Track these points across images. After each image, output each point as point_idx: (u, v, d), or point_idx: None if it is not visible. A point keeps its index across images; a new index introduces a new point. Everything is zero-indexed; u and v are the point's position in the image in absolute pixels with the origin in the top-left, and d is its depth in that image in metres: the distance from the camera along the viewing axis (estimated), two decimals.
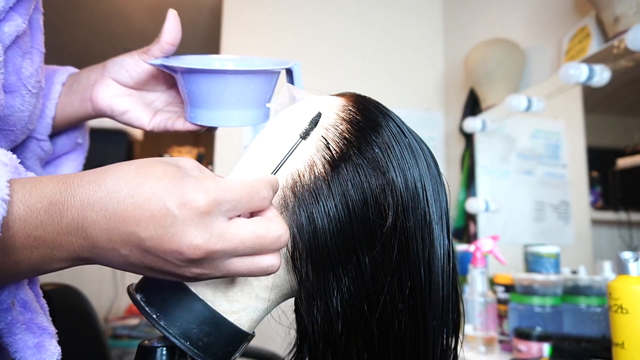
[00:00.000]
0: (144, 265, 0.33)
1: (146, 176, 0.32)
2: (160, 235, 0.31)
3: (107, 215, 0.31)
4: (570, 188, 1.48)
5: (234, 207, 0.33)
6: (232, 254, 0.33)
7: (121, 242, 0.32)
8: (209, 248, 0.31)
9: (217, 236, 0.32)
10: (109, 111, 0.56)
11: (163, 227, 0.31)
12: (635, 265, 0.69)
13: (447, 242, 0.44)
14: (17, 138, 0.51)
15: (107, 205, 0.31)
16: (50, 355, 0.38)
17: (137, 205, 0.31)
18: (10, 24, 0.44)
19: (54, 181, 0.33)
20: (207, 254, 0.32)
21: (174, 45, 0.53)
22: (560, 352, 0.91)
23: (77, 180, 0.32)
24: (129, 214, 0.31)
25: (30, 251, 0.32)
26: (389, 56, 2.05)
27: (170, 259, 0.32)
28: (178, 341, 0.39)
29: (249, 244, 0.33)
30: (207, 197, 0.31)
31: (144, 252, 0.32)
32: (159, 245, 0.31)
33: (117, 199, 0.31)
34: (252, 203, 0.34)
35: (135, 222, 0.31)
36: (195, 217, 0.31)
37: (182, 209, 0.31)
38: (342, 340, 0.40)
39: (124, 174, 0.32)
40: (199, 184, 0.32)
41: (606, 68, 1.10)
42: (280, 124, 0.46)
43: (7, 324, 0.37)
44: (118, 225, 0.31)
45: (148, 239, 0.31)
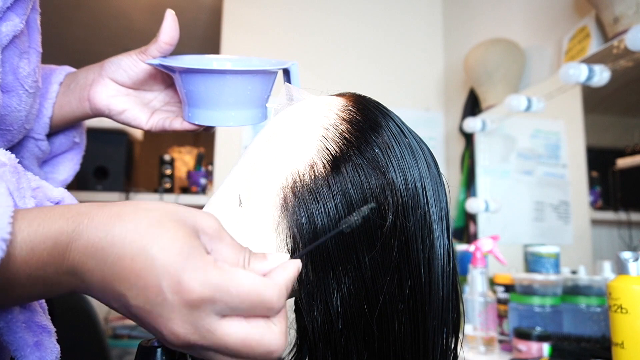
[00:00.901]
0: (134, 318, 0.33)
1: (153, 241, 0.30)
2: (148, 310, 0.30)
3: (105, 268, 0.31)
4: (570, 188, 1.48)
5: (231, 310, 0.30)
6: (215, 350, 0.31)
7: (112, 297, 0.31)
8: (189, 341, 0.30)
9: (201, 333, 0.30)
10: (107, 111, 0.55)
11: (151, 304, 0.30)
12: (635, 265, 0.69)
13: (447, 242, 0.44)
14: (14, 138, 0.51)
15: (107, 258, 0.30)
16: (49, 353, 0.39)
17: (134, 271, 0.30)
18: (7, 24, 0.44)
19: (64, 218, 0.32)
20: (187, 345, 0.31)
21: (171, 45, 0.52)
22: (560, 352, 0.91)
23: (87, 221, 0.31)
24: (125, 275, 0.30)
25: (30, 288, 0.32)
26: (389, 56, 2.05)
27: (152, 332, 0.32)
28: None
29: (233, 350, 0.30)
30: (202, 291, 0.29)
31: (131, 315, 0.32)
32: (144, 317, 0.31)
33: (117, 256, 0.30)
34: (253, 312, 0.31)
35: (128, 286, 0.30)
36: (184, 307, 0.30)
37: (174, 295, 0.29)
38: (342, 340, 0.40)
39: (134, 229, 0.31)
40: (201, 273, 0.30)
41: (606, 68, 1.10)
42: (279, 124, 0.45)
43: (7, 323, 0.37)
44: (112, 282, 0.31)
45: (135, 307, 0.30)
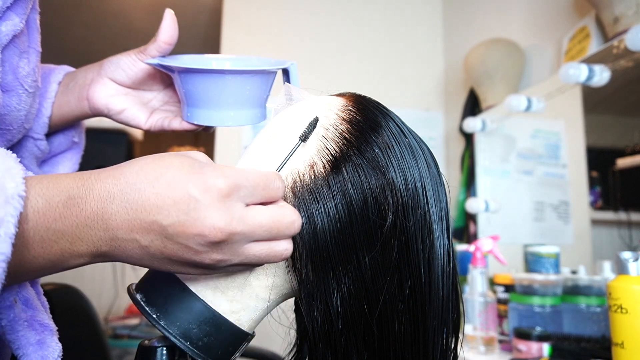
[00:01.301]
0: (164, 256, 0.33)
1: (165, 167, 0.33)
2: (183, 221, 0.32)
3: (129, 205, 0.32)
4: (570, 188, 1.48)
5: (251, 193, 0.34)
6: (251, 237, 0.34)
7: (142, 231, 0.32)
8: (230, 230, 0.32)
9: (238, 219, 0.33)
10: (106, 110, 0.55)
11: (185, 213, 0.32)
12: (635, 265, 0.69)
13: (447, 242, 0.44)
14: (14, 137, 0.51)
15: (127, 196, 0.32)
16: (51, 351, 0.39)
17: (159, 194, 0.32)
18: (7, 24, 0.44)
19: (70, 177, 0.33)
20: (228, 236, 0.33)
21: (170, 44, 0.52)
22: (560, 352, 0.91)
23: (94, 176, 0.33)
24: (151, 202, 0.32)
25: (49, 245, 0.32)
26: (389, 56, 2.05)
27: (191, 244, 0.33)
28: (178, 341, 0.39)
29: (267, 227, 0.34)
30: (227, 181, 0.33)
31: (166, 240, 0.32)
32: (181, 231, 0.32)
33: (137, 190, 0.32)
34: (267, 191, 0.35)
35: (158, 210, 0.32)
36: (217, 201, 0.32)
37: (204, 193, 0.32)
38: (342, 340, 0.40)
39: (142, 166, 0.33)
40: (218, 170, 0.33)
41: (606, 68, 1.10)
42: (279, 124, 0.45)
43: (10, 321, 0.37)
44: (139, 215, 0.32)
45: (170, 225, 0.32)
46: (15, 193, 0.29)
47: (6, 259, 0.29)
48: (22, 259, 0.32)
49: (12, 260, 0.30)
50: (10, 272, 0.31)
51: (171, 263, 0.34)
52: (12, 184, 0.30)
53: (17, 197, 0.30)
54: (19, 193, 0.30)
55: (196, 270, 0.36)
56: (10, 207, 0.29)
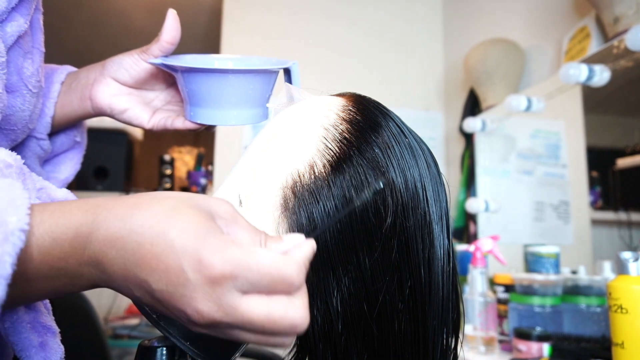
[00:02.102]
0: (156, 309, 0.33)
1: (171, 225, 0.31)
2: (170, 292, 0.30)
3: (126, 256, 0.31)
4: (570, 188, 1.48)
5: (252, 286, 0.30)
6: (239, 328, 0.31)
7: (134, 285, 0.32)
8: (214, 319, 0.30)
9: (225, 309, 0.30)
10: (109, 110, 0.55)
11: (174, 286, 0.30)
12: (635, 265, 0.69)
13: (447, 242, 0.44)
14: (18, 137, 0.51)
15: (126, 246, 0.31)
16: (54, 353, 0.39)
17: (155, 255, 0.30)
18: (12, 24, 0.44)
19: (82, 210, 0.32)
20: (212, 323, 0.31)
21: (173, 44, 0.53)
22: (560, 352, 0.91)
23: (106, 212, 0.32)
24: (146, 261, 0.31)
25: (52, 280, 0.32)
26: (389, 56, 2.05)
27: (177, 314, 0.32)
28: (178, 341, 0.39)
29: (258, 326, 0.31)
30: (223, 267, 0.30)
31: (154, 300, 0.32)
32: (167, 300, 0.31)
33: (137, 242, 0.31)
34: (273, 288, 0.31)
35: (150, 271, 0.31)
36: (206, 284, 0.30)
37: (195, 273, 0.30)
38: (342, 340, 0.40)
39: (151, 216, 0.31)
40: (221, 250, 0.30)
41: (606, 68, 1.10)
42: (280, 124, 0.45)
43: (13, 323, 0.37)
44: (134, 269, 0.31)
45: (158, 291, 0.31)
46: (16, 228, 0.29)
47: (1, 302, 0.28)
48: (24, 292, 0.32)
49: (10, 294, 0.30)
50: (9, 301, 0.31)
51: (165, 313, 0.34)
52: (14, 218, 0.29)
53: (19, 232, 0.29)
54: (20, 227, 0.29)
55: None
56: (8, 245, 0.28)
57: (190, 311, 0.30)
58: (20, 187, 0.31)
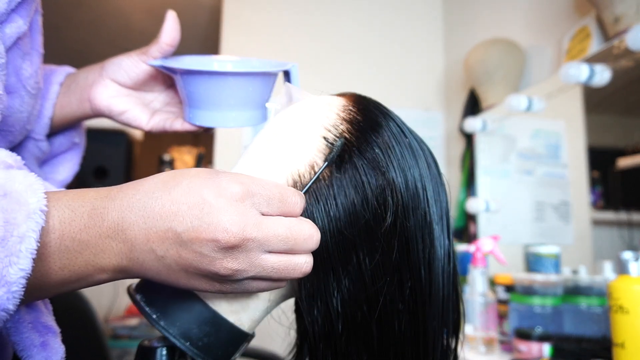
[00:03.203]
0: (179, 267, 0.33)
1: (182, 175, 0.34)
2: (197, 226, 0.32)
3: (145, 214, 0.32)
4: (571, 188, 1.47)
5: (267, 203, 0.34)
6: (266, 246, 0.34)
7: (158, 240, 0.32)
8: (244, 235, 0.32)
9: (252, 225, 0.33)
10: (107, 111, 0.55)
11: (199, 218, 0.32)
12: (636, 265, 0.69)
13: (448, 242, 0.43)
14: (16, 139, 0.51)
15: (145, 204, 0.33)
16: (55, 353, 0.39)
17: (174, 200, 0.32)
18: (11, 26, 0.44)
19: (94, 190, 0.34)
20: (242, 242, 0.32)
21: (172, 46, 0.53)
22: (561, 352, 0.91)
23: (117, 188, 0.34)
24: (167, 209, 0.32)
25: (74, 256, 0.32)
26: (389, 56, 2.05)
27: (205, 251, 0.32)
28: (178, 341, 0.39)
29: (283, 237, 0.34)
30: (242, 187, 0.33)
31: (180, 248, 0.32)
32: (195, 237, 0.32)
33: (155, 197, 0.33)
34: (284, 204, 0.35)
35: (173, 216, 0.32)
36: (230, 205, 0.32)
37: (218, 198, 0.32)
38: (343, 341, 0.40)
39: (161, 177, 0.34)
40: (234, 176, 0.34)
41: (606, 68, 1.10)
42: (280, 124, 0.45)
43: (15, 323, 0.37)
44: (155, 223, 0.32)
45: (184, 232, 0.32)
46: (37, 208, 0.30)
47: (26, 275, 0.29)
48: (47, 272, 0.32)
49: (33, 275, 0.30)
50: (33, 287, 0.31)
51: (187, 276, 0.34)
52: (34, 199, 0.30)
53: (39, 212, 0.30)
54: (40, 208, 0.30)
55: (212, 285, 0.35)
56: (32, 222, 0.29)
57: (221, 234, 0.32)
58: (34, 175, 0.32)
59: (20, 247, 0.29)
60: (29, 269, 0.29)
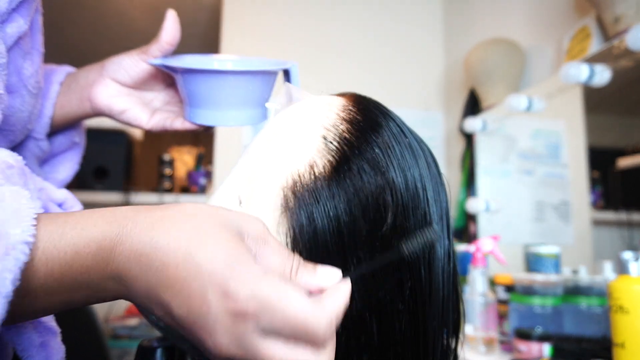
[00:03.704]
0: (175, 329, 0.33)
1: (199, 248, 0.30)
2: (191, 320, 0.30)
3: (149, 274, 0.30)
4: (571, 188, 1.47)
5: (274, 330, 0.29)
6: None
7: (156, 304, 0.31)
8: (232, 355, 0.30)
9: (245, 349, 0.29)
10: (108, 110, 0.55)
11: (195, 315, 0.29)
12: (636, 265, 0.69)
13: (448, 242, 0.43)
14: (17, 138, 0.51)
15: (151, 264, 0.30)
16: (55, 353, 0.39)
17: (179, 279, 0.29)
18: (12, 25, 0.44)
19: (107, 222, 0.31)
20: (228, 357, 0.30)
21: (173, 45, 0.53)
22: (561, 352, 0.91)
23: (131, 225, 0.31)
24: (170, 283, 0.30)
25: (74, 292, 0.32)
26: (389, 56, 2.05)
27: (195, 341, 0.31)
28: (178, 341, 0.39)
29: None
30: (248, 303, 0.28)
31: (173, 321, 0.32)
32: (187, 327, 0.31)
33: (162, 262, 0.30)
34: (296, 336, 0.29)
35: (173, 295, 0.30)
36: (228, 319, 0.29)
37: (219, 305, 0.29)
38: (342, 341, 0.40)
39: (178, 234, 0.30)
40: (249, 284, 0.29)
41: (606, 68, 1.10)
42: (280, 124, 0.45)
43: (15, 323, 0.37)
44: (157, 289, 0.31)
45: (178, 317, 0.30)
46: (20, 240, 0.27)
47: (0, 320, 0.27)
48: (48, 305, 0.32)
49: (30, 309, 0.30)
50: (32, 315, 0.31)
51: None
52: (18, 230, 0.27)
53: (22, 245, 0.27)
54: (24, 240, 0.27)
55: None
56: (10, 260, 0.27)
57: (210, 343, 0.30)
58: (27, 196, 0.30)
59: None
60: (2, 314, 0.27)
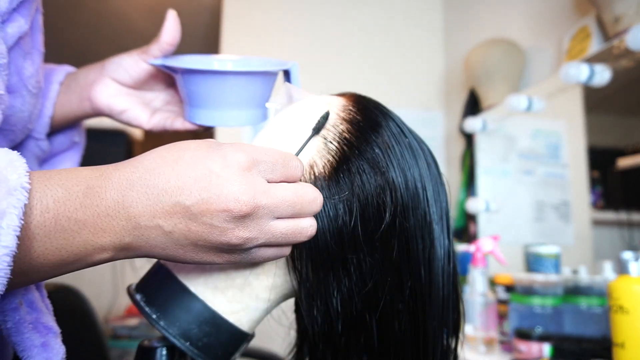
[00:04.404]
0: (188, 241, 0.33)
1: (183, 149, 0.33)
2: (206, 198, 0.32)
3: (149, 190, 0.32)
4: (571, 188, 1.47)
5: (271, 169, 0.35)
6: (275, 212, 0.34)
7: (165, 215, 0.32)
8: (255, 202, 0.32)
9: (262, 192, 0.33)
10: (108, 110, 0.55)
11: (208, 190, 0.32)
12: (636, 265, 0.69)
13: (448, 242, 0.43)
14: (17, 138, 0.51)
15: (147, 181, 0.32)
16: (56, 354, 0.39)
17: (179, 174, 0.32)
18: (13, 25, 0.44)
19: (87, 169, 0.33)
20: (253, 209, 0.32)
21: (173, 45, 0.53)
22: (561, 352, 0.90)
23: (112, 167, 0.33)
24: (172, 184, 0.32)
25: (72, 235, 0.31)
26: (389, 56, 2.05)
27: (217, 222, 0.32)
28: (178, 341, 0.39)
29: (290, 202, 0.34)
30: (246, 155, 0.33)
31: (189, 221, 0.32)
32: (205, 209, 0.32)
33: (157, 174, 0.32)
34: (286, 169, 0.36)
35: (179, 190, 0.32)
36: (238, 175, 0.32)
37: (225, 169, 0.32)
38: (342, 341, 0.40)
39: (159, 152, 0.33)
40: (237, 146, 0.34)
41: (606, 68, 1.10)
42: (280, 124, 0.45)
43: (15, 324, 0.37)
44: (161, 199, 0.31)
45: (194, 205, 0.32)
46: (18, 185, 0.28)
47: (10, 253, 0.28)
48: (44, 252, 0.31)
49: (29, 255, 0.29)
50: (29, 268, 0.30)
51: (196, 250, 0.34)
52: (15, 176, 0.29)
53: (21, 188, 0.28)
54: (22, 185, 0.29)
55: (221, 256, 0.35)
56: (13, 198, 0.28)
57: (233, 204, 0.32)
58: (16, 153, 0.31)
59: (1, 223, 0.27)
60: (13, 246, 0.28)
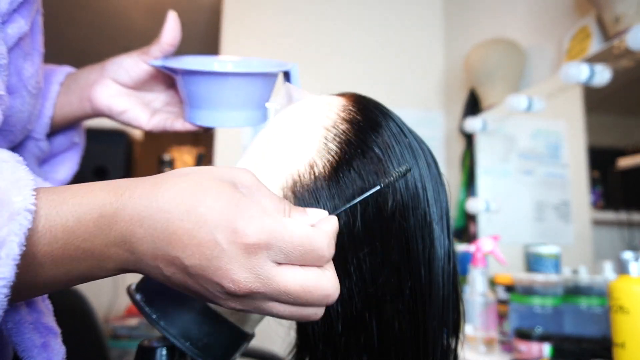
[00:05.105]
0: (185, 287, 0.33)
1: (199, 199, 0.31)
2: (205, 266, 0.30)
3: (155, 234, 0.31)
4: (571, 188, 1.47)
5: (285, 257, 0.31)
6: (274, 299, 0.32)
7: (165, 262, 0.31)
8: (251, 289, 0.30)
9: (262, 279, 0.31)
10: (108, 111, 0.56)
11: (208, 259, 0.30)
12: (636, 265, 0.69)
13: (448, 242, 0.43)
14: (16, 138, 0.51)
15: (156, 224, 0.31)
16: (56, 354, 0.39)
17: (186, 231, 0.30)
18: (13, 26, 0.44)
19: (104, 191, 0.32)
20: (248, 294, 0.31)
21: (173, 46, 0.53)
22: (561, 352, 0.90)
23: (129, 192, 0.32)
24: (177, 237, 0.30)
25: (78, 262, 0.31)
26: (389, 56, 2.05)
27: (211, 289, 0.31)
28: (178, 341, 0.39)
29: (293, 295, 0.31)
30: (259, 237, 0.30)
31: (187, 277, 0.31)
32: (201, 275, 0.31)
33: (166, 219, 0.30)
34: (304, 259, 0.31)
35: (182, 247, 0.30)
36: (242, 254, 0.30)
37: (230, 244, 0.30)
38: (343, 341, 0.40)
39: (177, 192, 0.31)
40: (254, 220, 0.30)
41: (607, 68, 1.10)
42: (280, 125, 0.45)
43: (16, 324, 0.37)
44: (164, 247, 0.31)
45: (192, 267, 0.30)
46: (22, 207, 0.28)
47: (8, 284, 0.27)
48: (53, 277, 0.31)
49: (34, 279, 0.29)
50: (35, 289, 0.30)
51: (193, 294, 0.34)
52: (19, 198, 0.28)
53: (25, 212, 0.28)
54: (26, 207, 0.28)
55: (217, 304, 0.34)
56: (15, 224, 0.27)
57: (227, 283, 0.30)
58: (25, 170, 0.30)
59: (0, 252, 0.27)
60: (11, 277, 0.27)
